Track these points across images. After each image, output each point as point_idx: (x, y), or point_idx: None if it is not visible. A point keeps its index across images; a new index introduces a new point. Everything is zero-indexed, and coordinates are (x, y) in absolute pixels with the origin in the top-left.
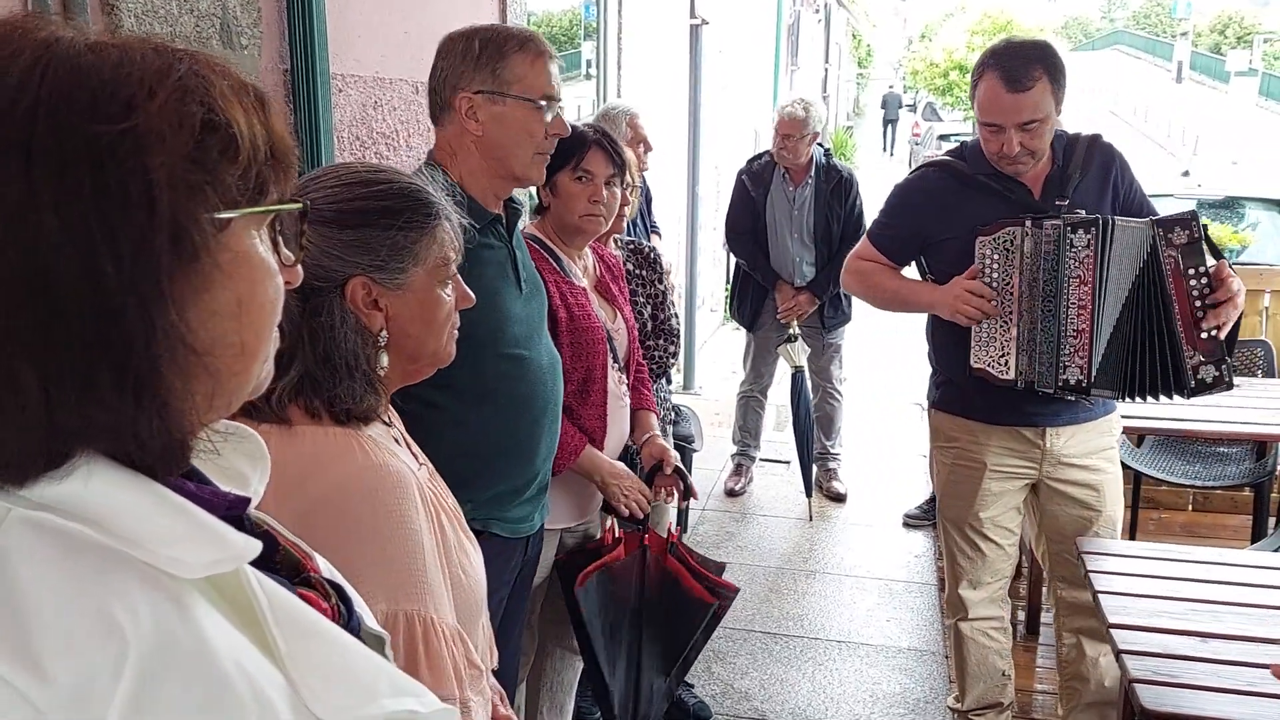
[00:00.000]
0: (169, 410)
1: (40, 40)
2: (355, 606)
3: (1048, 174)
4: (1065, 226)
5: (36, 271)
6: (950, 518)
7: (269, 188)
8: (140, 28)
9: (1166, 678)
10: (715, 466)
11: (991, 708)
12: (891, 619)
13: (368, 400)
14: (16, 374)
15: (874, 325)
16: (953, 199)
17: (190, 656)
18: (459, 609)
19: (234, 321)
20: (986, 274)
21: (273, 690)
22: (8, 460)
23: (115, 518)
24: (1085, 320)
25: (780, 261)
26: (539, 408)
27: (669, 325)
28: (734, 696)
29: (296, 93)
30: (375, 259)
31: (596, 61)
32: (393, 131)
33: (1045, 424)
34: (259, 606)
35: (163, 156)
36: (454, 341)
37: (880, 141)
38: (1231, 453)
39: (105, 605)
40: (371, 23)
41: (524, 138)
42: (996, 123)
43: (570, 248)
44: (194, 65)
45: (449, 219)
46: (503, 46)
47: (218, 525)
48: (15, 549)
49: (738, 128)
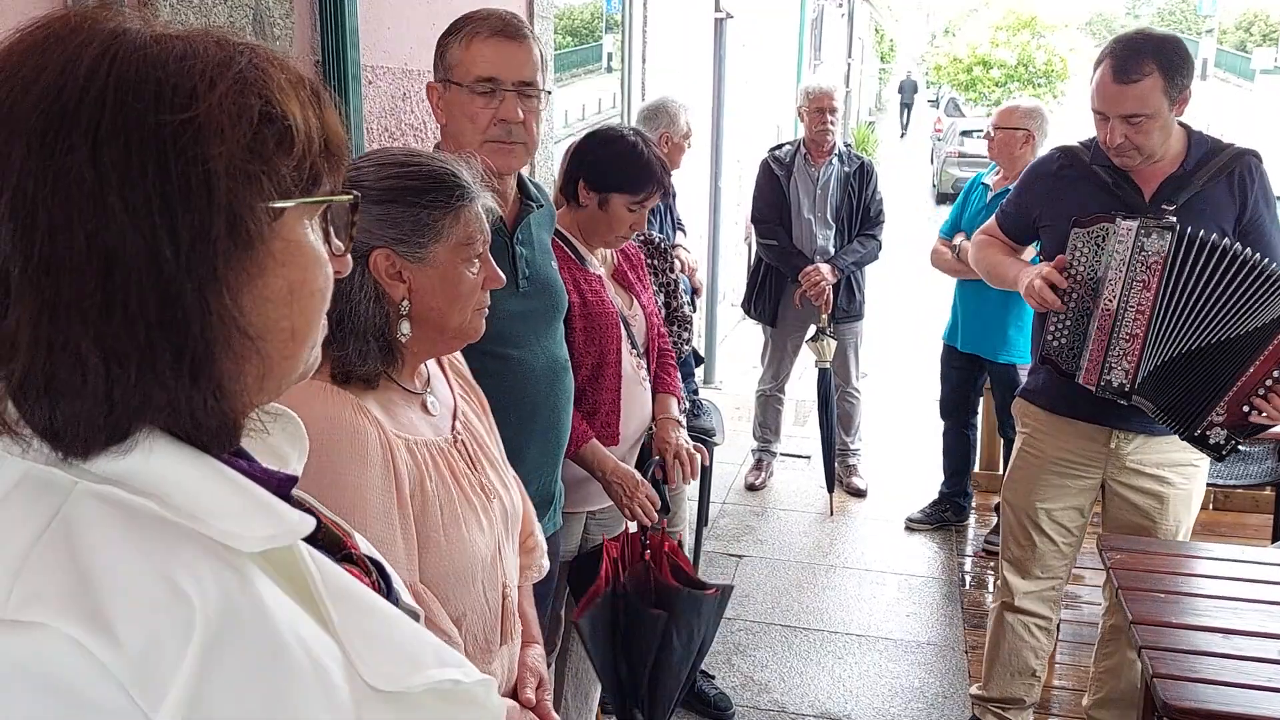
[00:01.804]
0: (222, 390)
1: (109, 31)
2: (394, 583)
3: (1168, 175)
4: (1140, 229)
5: (101, 252)
6: (1010, 500)
7: (322, 179)
8: (175, 18)
9: (1188, 673)
10: (736, 461)
11: (1014, 703)
12: (911, 613)
13: (372, 363)
14: (80, 351)
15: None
16: (1065, 185)
17: (252, 625)
18: (433, 571)
19: (285, 307)
20: (1074, 265)
21: (328, 658)
22: (72, 433)
23: (177, 492)
24: (1141, 326)
25: (803, 242)
26: (526, 412)
27: (681, 313)
28: (754, 689)
29: (327, 84)
30: (398, 233)
31: (621, 56)
32: (420, 123)
33: (1113, 425)
34: (312, 580)
35: (221, 146)
36: (481, 319)
37: (898, 128)
38: (1254, 452)
39: (172, 574)
40: (401, 14)
41: (465, 124)
42: (1101, 111)
43: (589, 245)
44: (254, 58)
45: (478, 201)
46: (451, 31)
47: (274, 501)
48: (83, 519)
49: (760, 122)
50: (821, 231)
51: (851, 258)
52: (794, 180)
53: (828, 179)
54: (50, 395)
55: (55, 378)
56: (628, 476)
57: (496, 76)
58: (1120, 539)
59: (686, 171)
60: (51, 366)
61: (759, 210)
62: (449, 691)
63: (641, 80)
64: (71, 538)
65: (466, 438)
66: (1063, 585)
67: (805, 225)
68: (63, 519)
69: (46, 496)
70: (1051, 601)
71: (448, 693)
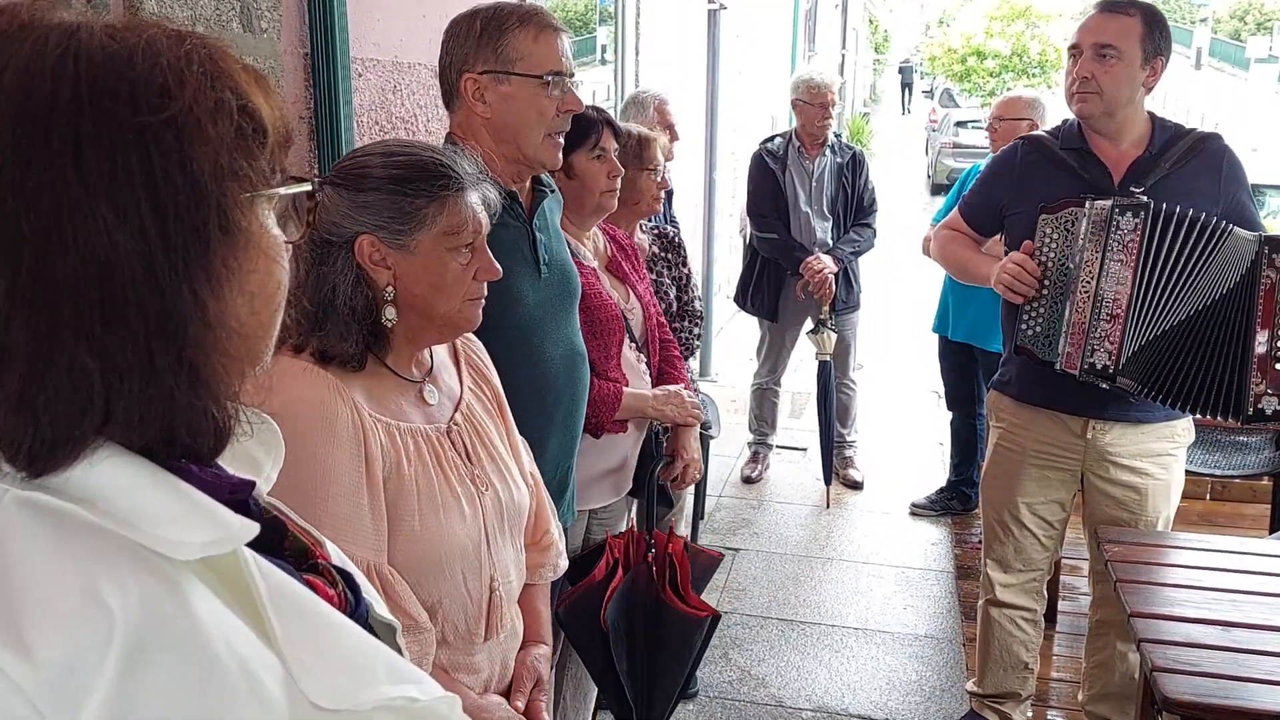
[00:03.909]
0: (216, 394)
1: (61, 27)
2: (364, 594)
3: (1135, 159)
4: (1115, 208)
5: (95, 263)
6: (989, 497)
7: (279, 168)
8: (161, 10)
9: (1188, 667)
10: (732, 453)
11: (1010, 696)
12: (909, 606)
13: (351, 345)
14: (80, 366)
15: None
16: (1032, 173)
17: (179, 636)
18: (403, 555)
19: (262, 299)
20: (1043, 251)
21: (265, 673)
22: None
23: (111, 498)
24: (1121, 306)
25: (801, 235)
26: (549, 402)
27: (692, 307)
28: (751, 683)
29: (316, 77)
30: (378, 219)
31: (614, 47)
32: (411, 115)
33: (1089, 415)
34: (256, 590)
35: (205, 144)
36: (476, 309)
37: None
38: (1251, 442)
39: (93, 583)
40: (389, 6)
41: (532, 117)
42: (1077, 42)
43: (580, 229)
44: (205, 48)
45: (471, 192)
46: (504, 23)
47: (214, 506)
48: (9, 528)
49: (754, 114)
50: (819, 224)
51: (850, 248)
52: (789, 173)
53: (822, 171)
54: (49, 410)
55: (57, 392)
56: (671, 394)
57: (563, 70)
58: (1117, 531)
59: (680, 163)
60: (53, 381)
61: (755, 204)
62: (404, 709)
63: (635, 72)
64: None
65: (466, 429)
66: (1044, 576)
67: (803, 218)
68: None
69: None
70: (1035, 593)
71: (402, 709)
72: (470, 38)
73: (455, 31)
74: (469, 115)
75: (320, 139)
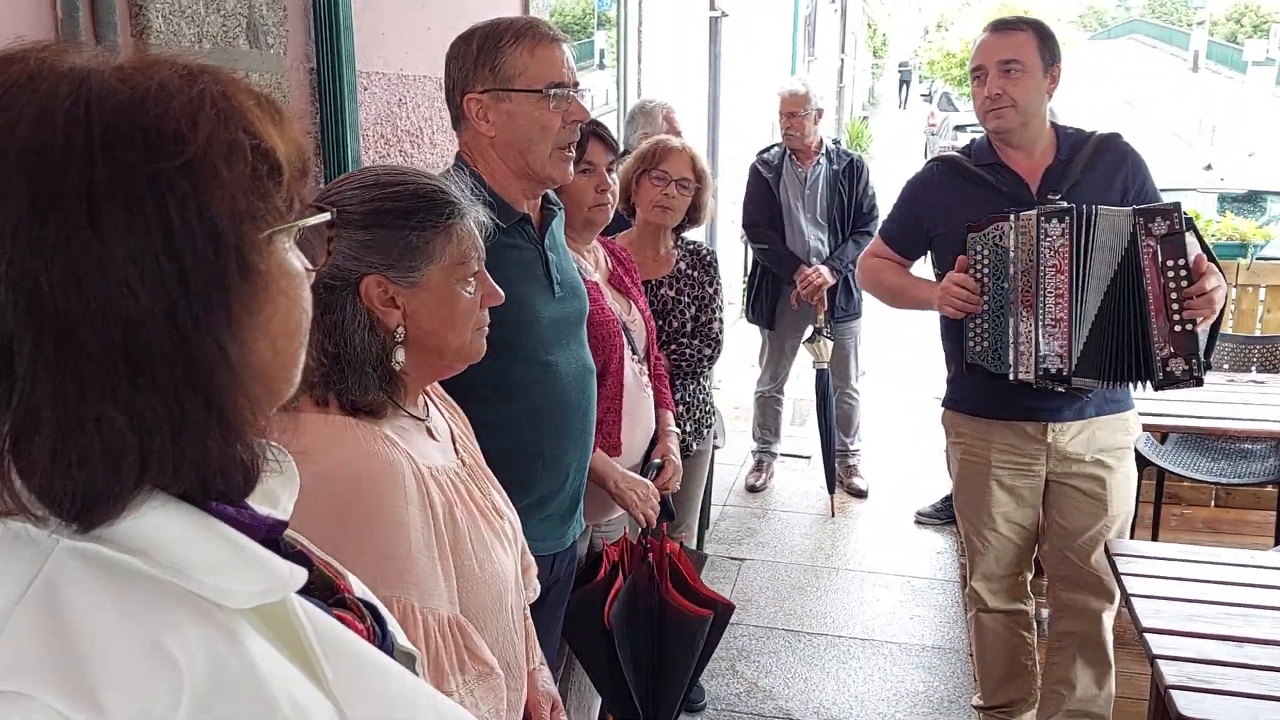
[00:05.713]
0: (244, 435)
1: (72, 73)
2: (389, 626)
3: (1047, 167)
4: (1040, 216)
5: (117, 318)
6: (963, 513)
7: (296, 200)
8: (168, 28)
9: (1202, 683)
10: (736, 462)
11: (1015, 704)
12: (915, 616)
13: (374, 394)
14: (110, 422)
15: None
16: (951, 193)
17: (242, 687)
18: (468, 601)
19: (283, 337)
20: (976, 269)
21: (321, 717)
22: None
23: (164, 548)
24: (1064, 309)
25: (795, 244)
26: (564, 419)
27: (711, 329)
28: (758, 695)
29: (322, 91)
30: (388, 258)
31: (616, 54)
32: (417, 129)
33: (1047, 419)
34: (304, 634)
35: (220, 188)
36: (482, 338)
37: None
38: (1255, 450)
39: (159, 637)
40: (395, 20)
41: (538, 132)
42: (980, 64)
43: (579, 243)
44: (219, 84)
45: (469, 217)
46: (499, 40)
47: (265, 555)
48: (66, 580)
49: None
50: (814, 233)
51: (850, 256)
52: (783, 182)
53: (816, 179)
54: (85, 468)
55: (90, 450)
56: (638, 482)
57: (565, 80)
58: (1129, 544)
59: None
60: (84, 439)
61: (749, 215)
62: None
63: (638, 78)
64: (54, 601)
65: (470, 460)
66: (1027, 575)
67: (797, 227)
68: (44, 579)
69: (26, 555)
70: (1022, 595)
71: None
72: (468, 58)
73: (454, 53)
74: (475, 136)
75: (326, 154)
